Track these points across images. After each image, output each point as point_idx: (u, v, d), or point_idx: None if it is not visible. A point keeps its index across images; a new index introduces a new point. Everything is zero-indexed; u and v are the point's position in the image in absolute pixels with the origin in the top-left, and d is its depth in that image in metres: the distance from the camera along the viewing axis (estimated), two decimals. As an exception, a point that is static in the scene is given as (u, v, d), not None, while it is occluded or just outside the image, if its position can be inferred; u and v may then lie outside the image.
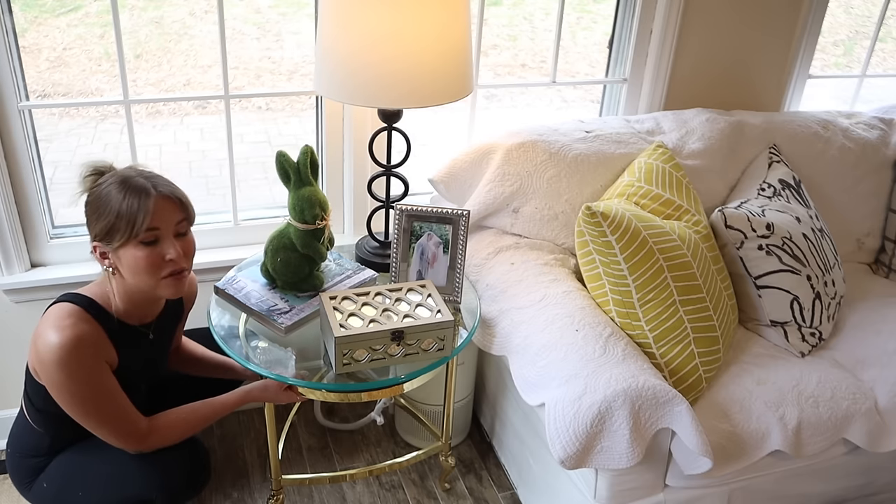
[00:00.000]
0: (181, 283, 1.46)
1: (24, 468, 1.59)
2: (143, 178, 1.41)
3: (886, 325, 1.95)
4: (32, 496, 1.60)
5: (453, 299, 1.79)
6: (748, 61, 2.36)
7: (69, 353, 1.37)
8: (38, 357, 1.40)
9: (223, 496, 2.00)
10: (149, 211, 1.37)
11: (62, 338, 1.37)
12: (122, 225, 1.37)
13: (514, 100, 4.79)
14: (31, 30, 4.65)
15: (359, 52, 1.58)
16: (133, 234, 1.38)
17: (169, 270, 1.43)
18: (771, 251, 1.86)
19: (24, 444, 1.59)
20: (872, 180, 2.27)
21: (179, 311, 1.71)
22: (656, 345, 1.66)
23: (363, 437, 2.22)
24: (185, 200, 1.46)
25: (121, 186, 1.39)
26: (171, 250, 1.42)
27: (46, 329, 1.39)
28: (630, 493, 1.61)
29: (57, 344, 1.37)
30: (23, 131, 1.81)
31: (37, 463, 1.57)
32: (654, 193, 1.86)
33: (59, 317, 1.41)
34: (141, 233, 1.38)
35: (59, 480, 1.55)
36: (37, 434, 1.55)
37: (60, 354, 1.36)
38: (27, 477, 1.59)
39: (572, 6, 5.51)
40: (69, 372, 1.38)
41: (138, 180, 1.40)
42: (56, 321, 1.40)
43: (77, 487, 1.54)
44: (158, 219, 1.39)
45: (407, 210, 1.77)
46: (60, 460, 1.56)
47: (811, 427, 1.66)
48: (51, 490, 1.56)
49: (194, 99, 3.13)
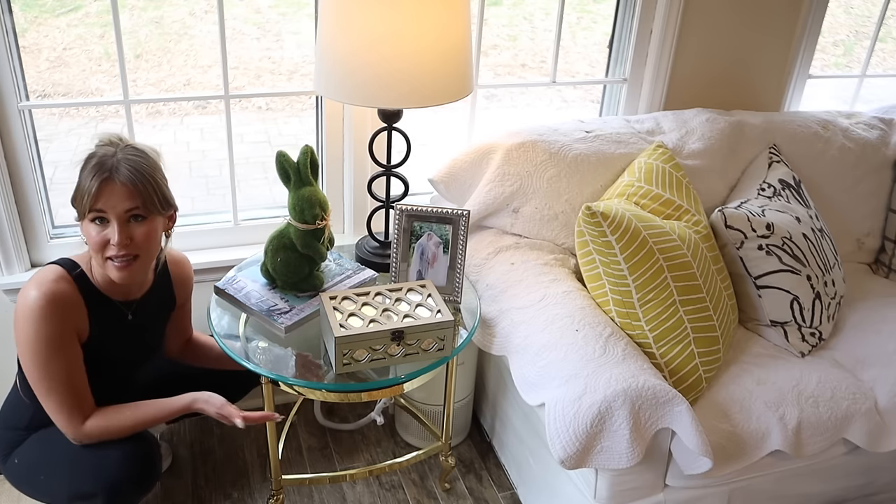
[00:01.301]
0: (126, 269, 1.48)
1: (5, 439, 1.62)
2: (117, 159, 1.44)
3: (886, 325, 1.95)
4: (7, 469, 1.63)
5: (453, 299, 1.79)
6: (748, 61, 2.36)
7: (41, 306, 1.43)
8: (16, 315, 1.46)
9: (223, 496, 2.00)
10: (93, 193, 1.41)
11: (38, 292, 1.44)
12: (78, 198, 1.44)
13: (514, 100, 4.79)
14: (31, 30, 4.66)
15: (359, 51, 1.58)
16: (81, 210, 1.44)
17: (111, 254, 1.46)
18: (771, 251, 1.86)
19: (9, 415, 1.63)
20: (872, 180, 2.27)
21: (170, 298, 1.71)
22: (656, 345, 1.66)
23: (363, 437, 2.22)
24: (142, 189, 1.44)
25: (91, 161, 1.44)
26: (113, 235, 1.45)
27: (29, 284, 1.47)
28: (630, 493, 1.61)
29: (32, 297, 1.44)
30: (23, 131, 1.81)
31: (16, 436, 1.61)
32: (654, 193, 1.86)
33: (42, 274, 1.48)
34: (87, 212, 1.43)
35: (27, 461, 1.59)
36: (23, 405, 1.59)
37: (32, 306, 1.43)
38: (5, 449, 1.62)
39: (572, 6, 5.52)
40: (36, 326, 1.43)
41: (108, 161, 1.43)
42: (39, 278, 1.47)
43: (40, 471, 1.57)
44: (104, 202, 1.43)
45: (407, 210, 1.77)
46: (33, 440, 1.59)
47: (811, 427, 1.66)
48: (21, 468, 1.60)
49: (194, 99, 3.14)
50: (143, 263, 1.50)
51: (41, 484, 1.57)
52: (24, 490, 1.62)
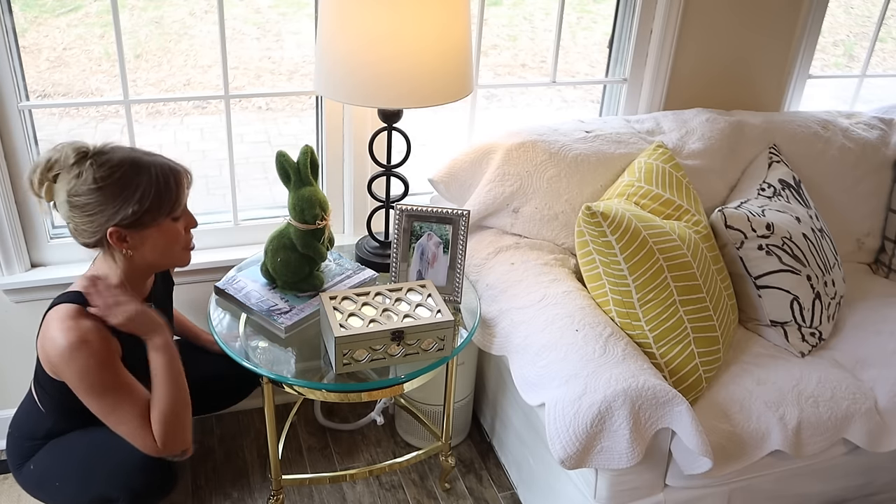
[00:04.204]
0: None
1: (21, 449, 1.61)
2: (149, 155, 1.45)
3: (886, 325, 1.95)
4: (21, 477, 1.62)
5: (453, 299, 1.79)
6: (748, 61, 2.36)
7: (78, 349, 1.37)
8: (51, 362, 1.42)
9: (223, 496, 2.00)
10: (182, 185, 1.45)
11: (68, 339, 1.38)
12: (161, 203, 1.42)
13: (514, 100, 4.79)
14: (31, 30, 4.66)
15: (358, 51, 1.58)
16: (172, 209, 1.44)
17: (190, 239, 1.53)
18: (771, 251, 1.86)
19: (25, 426, 1.61)
20: (872, 180, 2.27)
21: (169, 276, 1.74)
22: (656, 345, 1.66)
23: (363, 437, 2.22)
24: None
25: (144, 168, 1.41)
26: (193, 220, 1.51)
27: (52, 333, 1.40)
28: (630, 493, 1.61)
29: (65, 345, 1.37)
30: (23, 131, 1.81)
31: (32, 446, 1.60)
32: (654, 193, 1.86)
33: (60, 319, 1.40)
34: (178, 208, 1.45)
35: (42, 466, 1.57)
36: (41, 416, 1.57)
37: (70, 352, 1.37)
38: (20, 458, 1.61)
39: (572, 6, 5.51)
40: (82, 365, 1.38)
41: (155, 158, 1.44)
42: (59, 324, 1.40)
43: (55, 477, 1.55)
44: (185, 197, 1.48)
45: (407, 210, 1.77)
46: (49, 447, 1.58)
47: (811, 427, 1.66)
48: (35, 474, 1.58)
49: (194, 99, 3.14)
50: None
51: (56, 490, 1.56)
52: (38, 496, 1.61)
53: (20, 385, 2.01)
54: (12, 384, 2.05)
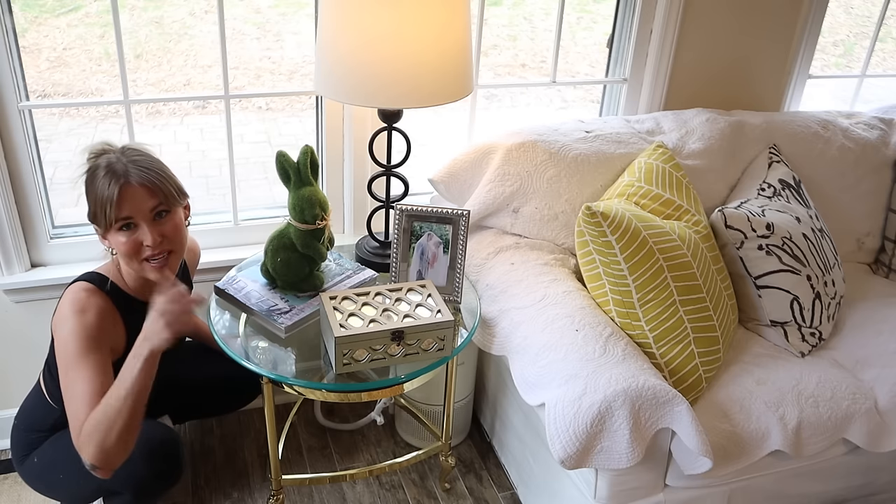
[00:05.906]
0: (164, 265, 1.50)
1: (25, 442, 1.62)
2: (123, 163, 1.44)
3: (886, 325, 1.95)
4: (24, 470, 1.62)
5: (453, 299, 1.79)
6: (748, 61, 2.36)
7: (73, 314, 1.44)
8: (52, 329, 1.47)
9: (223, 496, 2.00)
10: (115, 202, 1.41)
11: (70, 305, 1.45)
12: (100, 212, 1.44)
13: (514, 100, 4.79)
14: (31, 30, 4.66)
15: (359, 51, 1.58)
16: (108, 222, 1.43)
17: (148, 255, 1.47)
18: (771, 251, 1.86)
19: (31, 418, 1.62)
20: (872, 180, 2.27)
21: (188, 282, 1.75)
22: (656, 345, 1.66)
23: (363, 437, 2.22)
24: (160, 186, 1.45)
25: (100, 173, 1.44)
26: (146, 237, 1.45)
27: (61, 302, 1.47)
28: (630, 493, 1.61)
29: (64, 310, 1.45)
30: (23, 131, 1.81)
31: (37, 438, 1.61)
32: (654, 193, 1.86)
33: (73, 291, 1.48)
34: (114, 221, 1.43)
35: (45, 458, 1.58)
36: (48, 408, 1.58)
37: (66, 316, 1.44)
38: (25, 450, 1.62)
39: (572, 6, 5.52)
40: (69, 329, 1.42)
41: (116, 166, 1.43)
42: (70, 294, 1.47)
43: (58, 470, 1.56)
44: (129, 208, 1.43)
45: (407, 210, 1.77)
46: (53, 440, 1.58)
47: (811, 427, 1.66)
48: (38, 467, 1.59)
49: (194, 99, 3.14)
50: (177, 256, 1.53)
51: (58, 482, 1.57)
52: (39, 488, 1.61)
53: (20, 385, 2.01)
54: (12, 384, 2.05)
